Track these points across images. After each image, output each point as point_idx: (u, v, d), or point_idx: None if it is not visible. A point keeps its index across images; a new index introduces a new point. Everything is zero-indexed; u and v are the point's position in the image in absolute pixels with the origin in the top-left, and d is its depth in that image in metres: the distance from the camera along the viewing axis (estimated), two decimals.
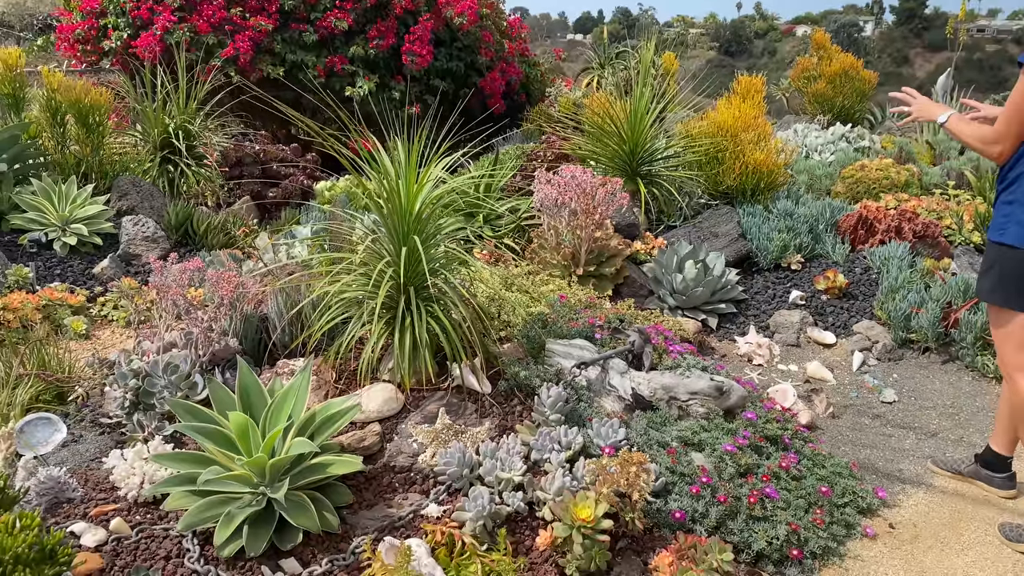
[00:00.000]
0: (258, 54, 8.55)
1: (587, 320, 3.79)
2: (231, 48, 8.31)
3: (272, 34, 8.58)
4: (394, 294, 3.36)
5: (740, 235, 5.65)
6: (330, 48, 8.96)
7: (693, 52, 55.20)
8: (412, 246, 3.29)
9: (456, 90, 10.11)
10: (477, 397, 3.37)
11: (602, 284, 5.09)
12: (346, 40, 8.97)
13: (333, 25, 8.75)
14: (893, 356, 4.90)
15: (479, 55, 9.99)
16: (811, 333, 5.06)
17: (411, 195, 3.35)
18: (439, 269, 3.44)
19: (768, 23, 58.66)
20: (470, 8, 9.52)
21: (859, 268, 5.55)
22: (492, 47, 10.16)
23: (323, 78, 8.78)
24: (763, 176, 5.91)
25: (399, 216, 3.34)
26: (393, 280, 3.31)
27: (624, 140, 5.83)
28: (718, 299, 5.17)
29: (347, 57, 8.89)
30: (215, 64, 8.32)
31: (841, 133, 8.52)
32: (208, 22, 8.32)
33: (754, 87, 6.38)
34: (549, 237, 5.09)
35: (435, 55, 9.49)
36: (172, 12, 8.27)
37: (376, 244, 3.44)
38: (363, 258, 3.41)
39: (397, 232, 3.35)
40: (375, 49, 8.92)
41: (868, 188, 7.23)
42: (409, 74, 9.31)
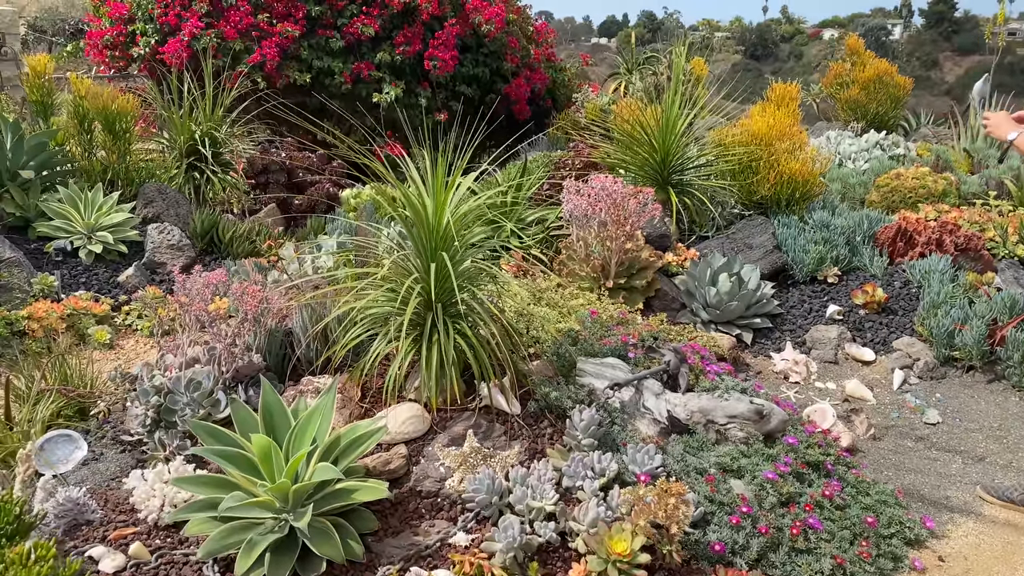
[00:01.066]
0: (284, 60, 8.49)
1: (620, 338, 3.65)
2: (258, 54, 8.25)
3: (299, 40, 8.52)
4: (421, 311, 3.25)
5: (775, 247, 5.48)
6: (356, 54, 8.88)
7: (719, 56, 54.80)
8: (440, 262, 3.17)
9: (482, 96, 10.01)
10: (506, 418, 3.25)
11: (633, 297, 4.95)
12: (372, 46, 8.90)
13: (360, 31, 8.68)
14: (935, 375, 4.72)
15: (505, 61, 9.88)
16: (849, 350, 4.88)
17: (439, 210, 3.24)
18: (466, 284, 3.32)
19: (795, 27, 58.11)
20: (498, 15, 9.42)
21: (898, 282, 5.36)
22: (518, 53, 10.04)
23: (349, 84, 8.71)
24: (798, 186, 5.74)
25: (427, 231, 3.23)
26: (421, 297, 3.20)
27: (655, 148, 5.69)
28: (753, 313, 5.01)
29: (374, 63, 8.81)
30: (242, 70, 8.28)
31: (875, 140, 8.31)
32: (235, 28, 8.28)
33: (788, 95, 6.21)
34: (578, 248, 4.96)
35: (461, 61, 9.40)
36: (199, 18, 8.24)
37: (402, 259, 3.33)
38: (388, 273, 3.29)
39: (424, 248, 3.23)
40: (401, 55, 8.84)
41: (904, 197, 7.03)
42: (435, 80, 9.22)
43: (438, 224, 3.23)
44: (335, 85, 8.70)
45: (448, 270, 3.21)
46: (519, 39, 10.15)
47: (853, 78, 9.09)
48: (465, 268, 3.34)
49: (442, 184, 3.28)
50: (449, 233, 3.27)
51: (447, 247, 3.26)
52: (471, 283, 3.46)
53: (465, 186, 3.46)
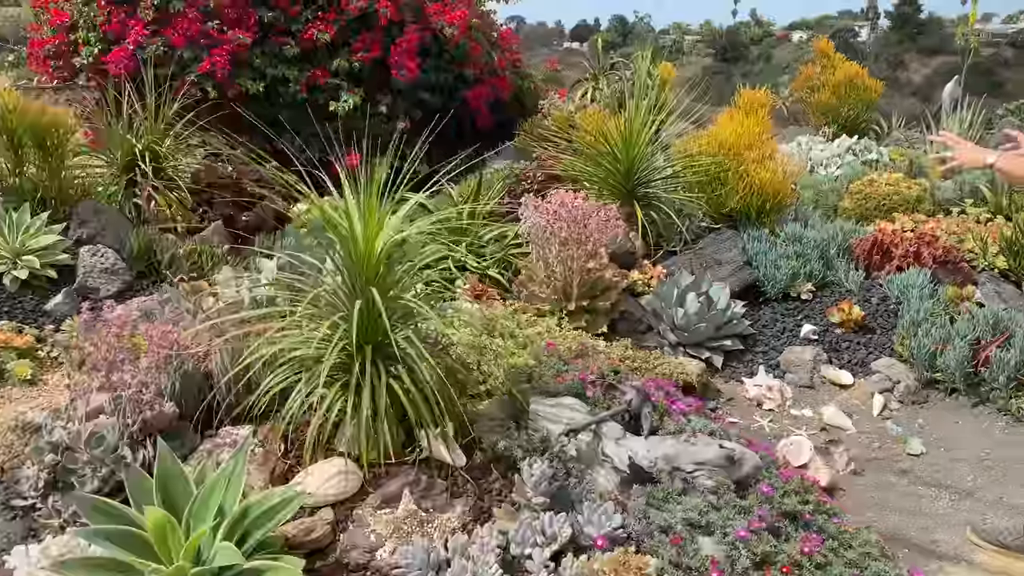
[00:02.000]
0: (236, 69, 8.06)
1: (578, 374, 3.29)
2: (207, 63, 7.81)
3: (251, 48, 8.10)
4: (352, 352, 2.87)
5: (745, 262, 5.14)
6: (313, 62, 8.47)
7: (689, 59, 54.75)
8: (370, 299, 2.80)
9: (445, 103, 9.63)
10: (449, 472, 2.87)
11: (596, 320, 4.59)
12: (330, 53, 8.49)
13: (316, 37, 8.27)
14: (917, 398, 4.40)
15: (468, 67, 9.51)
16: (826, 372, 4.55)
17: (370, 237, 2.86)
18: (400, 325, 2.95)
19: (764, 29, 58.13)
20: (461, 19, 9.05)
21: (875, 298, 5.05)
22: (481, 59, 9.67)
23: (305, 93, 8.29)
24: (769, 197, 5.41)
25: (354, 263, 2.85)
26: (349, 337, 2.82)
27: (619, 159, 5.34)
28: (723, 335, 4.67)
29: (330, 71, 8.41)
30: (191, 80, 7.84)
31: (847, 145, 8.03)
32: (183, 36, 7.83)
33: (758, 101, 5.88)
34: (538, 269, 4.59)
35: (423, 67, 9.02)
36: (145, 26, 7.78)
37: (330, 293, 2.95)
38: (309, 311, 2.91)
39: (352, 281, 2.85)
40: (360, 62, 8.44)
41: (878, 204, 6.74)
42: (396, 87, 8.83)
43: (368, 254, 2.86)
44: (290, 94, 8.29)
45: (379, 308, 2.84)
46: (482, 45, 9.78)
47: (823, 81, 8.80)
48: (402, 304, 2.96)
49: (375, 207, 2.91)
50: (382, 264, 2.90)
51: (380, 280, 2.88)
52: (411, 318, 3.09)
53: (403, 210, 3.08)
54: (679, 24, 58.24)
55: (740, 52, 56.48)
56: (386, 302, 2.93)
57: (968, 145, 3.13)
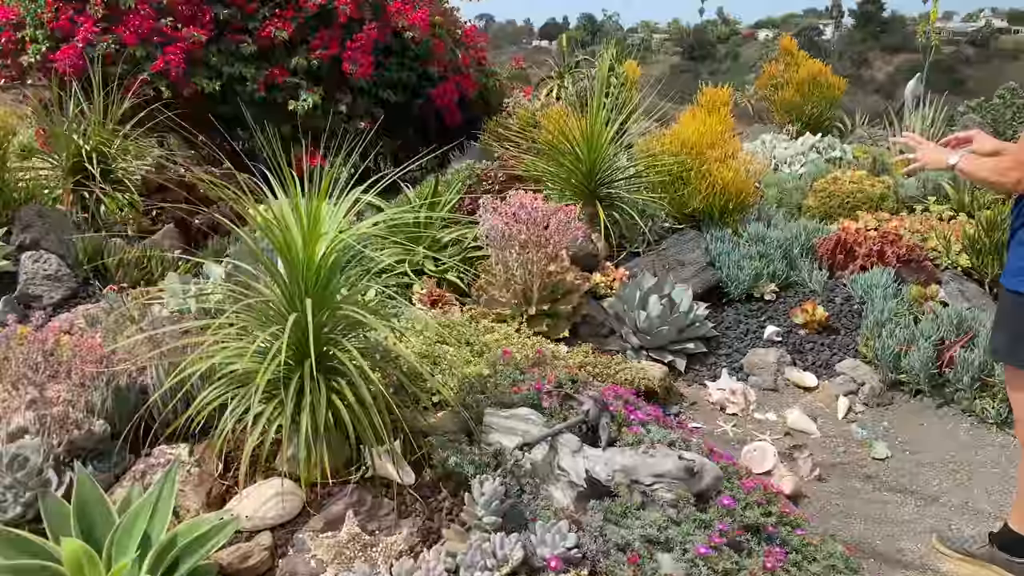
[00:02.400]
0: (192, 67, 7.82)
1: (534, 384, 3.15)
2: (161, 61, 7.56)
3: (207, 46, 7.86)
4: (292, 365, 2.70)
5: (708, 263, 5.04)
6: (271, 60, 8.24)
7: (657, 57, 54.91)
8: (315, 305, 2.64)
9: (408, 102, 9.46)
10: (397, 490, 2.72)
11: (557, 324, 4.45)
12: (288, 51, 8.27)
13: (273, 35, 8.04)
14: (882, 400, 4.32)
15: (431, 65, 9.34)
16: (790, 375, 4.46)
17: (309, 242, 2.71)
18: (353, 328, 2.80)
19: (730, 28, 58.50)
20: (422, 19, 8.87)
21: (839, 297, 4.97)
22: (445, 57, 9.50)
23: (263, 92, 8.07)
24: (732, 197, 5.31)
25: (294, 270, 2.69)
26: (290, 350, 2.66)
27: (580, 159, 5.21)
28: (686, 337, 4.56)
29: (289, 69, 8.20)
30: (144, 78, 7.60)
31: (811, 143, 7.98)
32: (135, 33, 7.57)
33: (720, 99, 5.78)
34: (497, 272, 4.45)
35: (385, 65, 8.83)
36: (95, 23, 7.52)
37: (263, 303, 2.79)
38: (244, 323, 2.75)
39: (289, 290, 2.69)
40: (319, 60, 8.23)
41: (841, 202, 6.68)
42: (356, 85, 8.64)
43: (308, 260, 2.70)
44: (248, 93, 8.06)
45: (322, 316, 2.69)
46: (446, 42, 9.61)
47: (787, 79, 8.74)
48: (346, 313, 2.80)
49: (316, 210, 2.75)
50: (323, 271, 2.74)
51: (321, 288, 2.73)
52: (359, 327, 2.94)
53: (343, 211, 2.93)
54: (647, 22, 58.45)
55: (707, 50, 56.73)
56: (328, 312, 2.77)
57: (930, 146, 3.03)
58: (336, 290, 2.82)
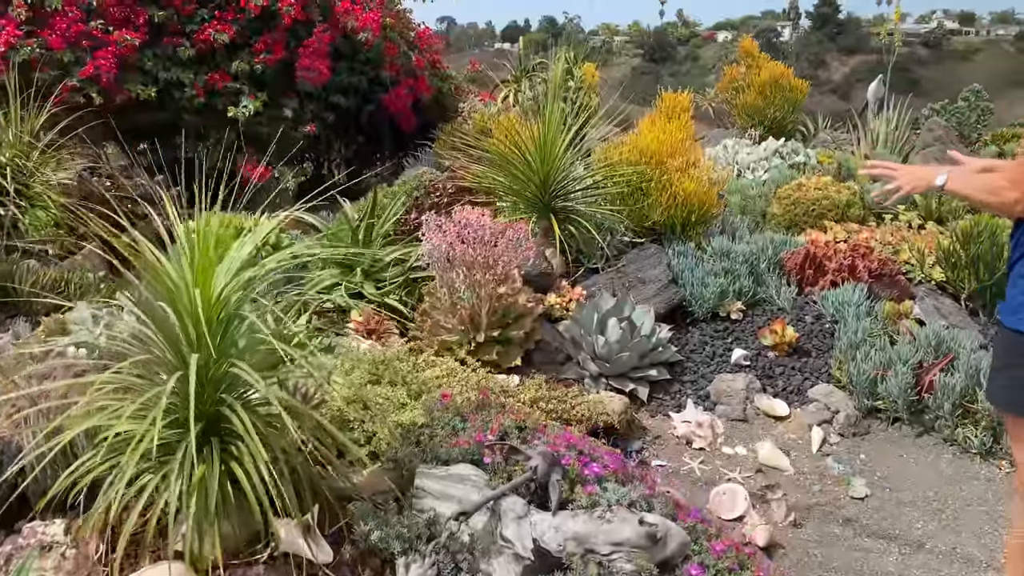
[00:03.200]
0: (124, 72, 7.31)
1: (475, 435, 2.74)
2: (91, 66, 7.05)
3: (141, 49, 7.35)
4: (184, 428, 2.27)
5: (670, 280, 4.67)
6: (211, 64, 7.75)
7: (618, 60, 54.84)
8: (204, 359, 2.21)
9: (359, 106, 9.01)
10: (312, 570, 2.30)
11: (509, 352, 4.05)
12: (229, 55, 7.78)
13: (213, 38, 7.56)
14: (858, 429, 3.98)
15: (383, 69, 8.90)
16: (759, 402, 4.10)
17: (202, 283, 2.28)
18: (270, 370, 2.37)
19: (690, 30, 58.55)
20: (374, 21, 8.42)
21: (810, 316, 4.63)
22: (398, 60, 9.07)
23: (203, 98, 7.58)
24: (694, 208, 4.95)
25: (183, 317, 2.26)
26: (176, 410, 2.23)
27: (533, 169, 4.81)
28: (649, 363, 4.18)
29: (230, 73, 7.71)
30: (72, 84, 7.07)
31: (774, 148, 7.66)
32: (62, 37, 7.05)
33: (680, 104, 5.42)
34: (442, 296, 4.03)
35: (335, 69, 8.37)
36: (18, 26, 6.97)
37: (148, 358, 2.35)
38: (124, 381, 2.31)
39: (172, 340, 2.26)
40: (262, 64, 7.75)
41: (807, 210, 6.36)
42: (304, 90, 8.17)
43: (205, 302, 2.26)
44: (186, 99, 7.56)
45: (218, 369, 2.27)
46: (398, 45, 9.18)
47: (749, 82, 8.44)
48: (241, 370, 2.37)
49: (209, 251, 2.32)
50: (221, 316, 2.31)
51: (216, 335, 2.30)
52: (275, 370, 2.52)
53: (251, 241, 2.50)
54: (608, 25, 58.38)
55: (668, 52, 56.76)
56: (226, 363, 2.34)
57: (906, 169, 2.66)
58: (236, 338, 2.39)
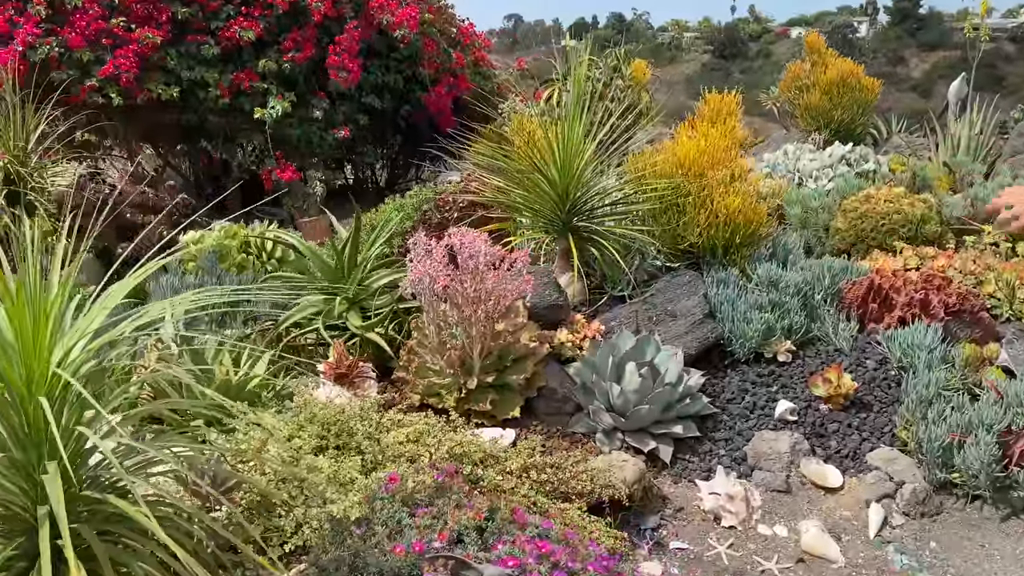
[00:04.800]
0: (146, 72, 6.90)
1: (416, 540, 2.11)
2: (110, 65, 6.65)
3: (164, 48, 6.93)
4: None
5: (707, 314, 3.94)
6: (237, 63, 7.29)
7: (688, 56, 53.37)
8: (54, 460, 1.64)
9: (396, 107, 8.46)
10: None
11: (506, 400, 3.41)
12: (256, 53, 7.31)
13: (239, 36, 7.09)
14: (928, 508, 3.21)
15: (421, 67, 8.32)
16: (807, 469, 3.36)
17: (27, 356, 1.71)
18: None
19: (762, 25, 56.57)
20: (411, 17, 7.85)
21: (872, 360, 3.85)
22: (437, 58, 8.48)
23: (228, 98, 7.12)
24: (739, 228, 4.21)
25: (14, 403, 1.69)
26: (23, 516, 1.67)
27: (550, 181, 4.14)
28: (675, 416, 3.48)
29: (256, 73, 7.24)
30: (92, 84, 6.70)
31: (840, 154, 6.80)
32: (82, 35, 6.66)
33: (727, 108, 4.66)
34: (430, 332, 3.41)
35: (367, 68, 7.83)
36: (37, 24, 6.62)
37: None
38: None
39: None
40: (291, 62, 7.26)
41: (875, 225, 5.52)
42: (336, 90, 7.65)
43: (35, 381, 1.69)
44: (211, 99, 7.11)
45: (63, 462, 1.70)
46: (438, 42, 8.58)
47: (814, 81, 7.58)
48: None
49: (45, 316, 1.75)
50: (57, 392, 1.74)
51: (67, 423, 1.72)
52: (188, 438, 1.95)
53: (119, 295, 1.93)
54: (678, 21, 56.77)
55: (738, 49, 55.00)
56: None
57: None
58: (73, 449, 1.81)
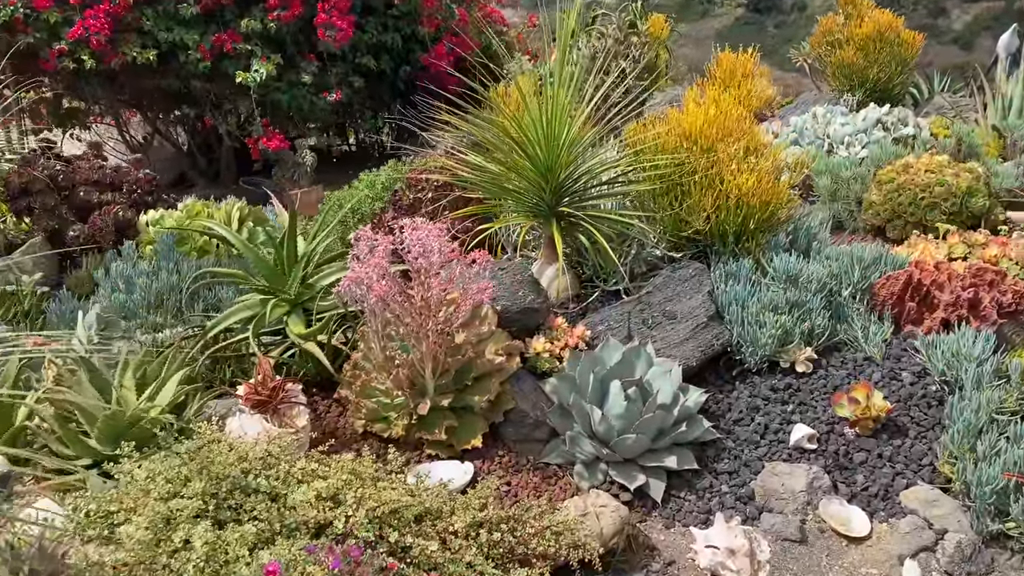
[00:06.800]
0: (120, 33, 6.31)
1: None
2: (79, 27, 6.08)
3: (138, 7, 6.33)
4: None
5: (712, 316, 3.29)
6: (219, 22, 6.66)
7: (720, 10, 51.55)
8: None
9: (395, 69, 7.78)
10: None
11: (466, 426, 2.81)
12: (239, 12, 6.67)
13: None
14: (976, 567, 2.56)
15: (420, 25, 7.63)
16: (827, 511, 2.73)
17: None
18: None
19: None
20: None
21: (908, 372, 3.17)
22: (437, 14, 7.77)
23: (209, 61, 6.51)
24: (753, 211, 3.53)
25: None
26: None
27: (534, 159, 3.47)
28: (670, 443, 2.86)
29: (239, 33, 6.60)
30: (61, 48, 6.14)
31: (876, 118, 6.00)
32: None
33: (743, 69, 3.92)
34: (375, 347, 2.81)
35: (362, 26, 7.16)
36: None
37: None
38: None
39: None
40: (276, 21, 6.61)
41: (914, 198, 4.79)
42: (327, 52, 7.00)
43: None
44: (191, 63, 6.51)
45: None
46: None
47: (848, 35, 6.74)
48: None
49: None
50: None
51: None
52: None
53: None
54: None
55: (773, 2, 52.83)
56: None
57: None
58: None
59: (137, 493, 2.05)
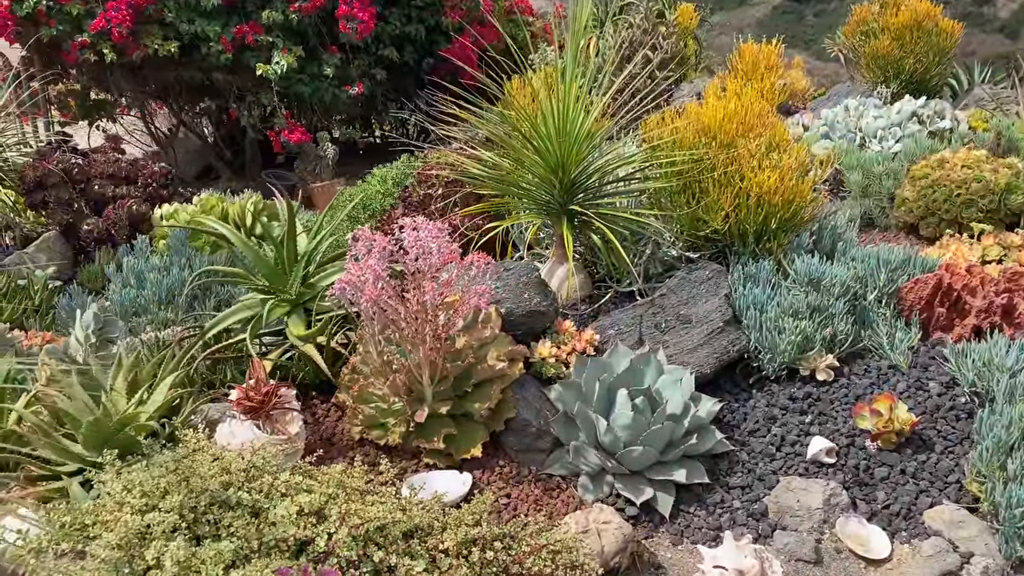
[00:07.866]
0: (142, 25, 6.28)
1: None
2: (101, 19, 6.05)
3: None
4: None
5: (730, 319, 3.13)
6: (241, 14, 6.60)
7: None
8: None
9: (419, 60, 7.67)
10: None
11: (466, 434, 2.70)
12: (261, 3, 6.60)
13: None
14: None
15: (444, 15, 7.50)
16: (844, 530, 2.57)
17: None
18: None
19: None
20: None
21: (936, 382, 2.99)
22: (462, 4, 7.63)
23: (231, 53, 6.46)
24: (775, 210, 3.35)
25: None
26: None
27: (544, 155, 3.34)
28: (680, 455, 2.72)
29: (261, 25, 6.54)
30: (83, 40, 6.13)
31: (911, 111, 5.76)
32: None
33: (766, 61, 3.73)
34: (372, 352, 2.70)
35: (387, 18, 7.05)
36: None
37: None
38: None
39: None
40: (298, 13, 6.53)
41: (949, 195, 4.58)
42: (350, 43, 6.91)
43: None
44: (213, 55, 6.46)
45: None
46: None
47: (883, 25, 6.46)
48: None
49: None
50: None
51: None
52: None
53: None
54: None
55: None
56: None
57: None
58: None
59: (113, 505, 1.97)
